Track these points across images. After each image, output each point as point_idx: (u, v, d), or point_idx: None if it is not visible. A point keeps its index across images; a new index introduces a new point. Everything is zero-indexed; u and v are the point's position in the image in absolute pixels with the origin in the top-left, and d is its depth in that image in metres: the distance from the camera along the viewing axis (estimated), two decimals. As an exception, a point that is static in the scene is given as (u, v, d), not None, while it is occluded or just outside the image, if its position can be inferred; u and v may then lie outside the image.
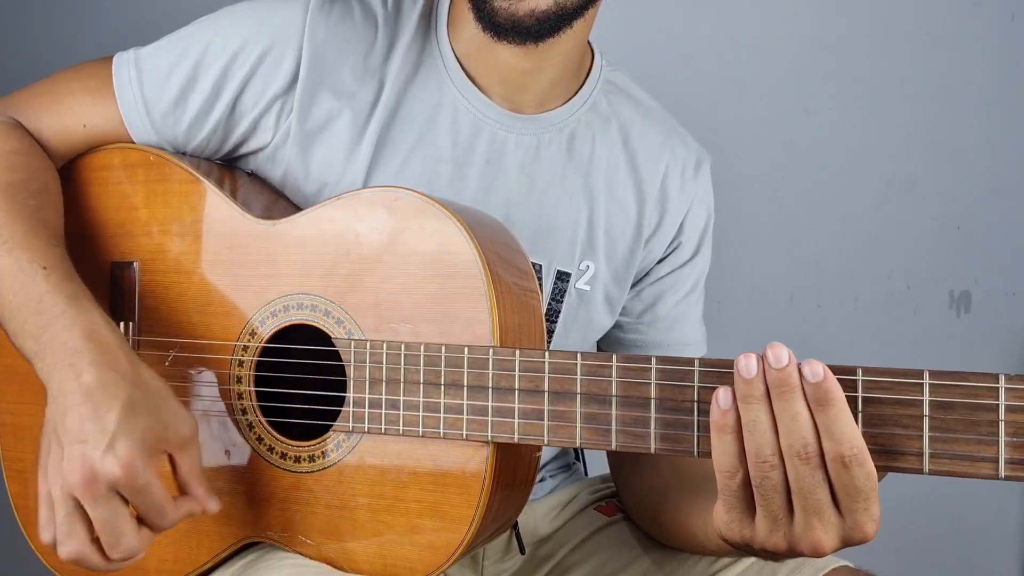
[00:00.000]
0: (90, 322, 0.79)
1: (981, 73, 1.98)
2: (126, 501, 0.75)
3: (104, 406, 0.74)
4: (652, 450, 0.72)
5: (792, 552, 0.67)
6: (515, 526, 1.03)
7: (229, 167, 1.00)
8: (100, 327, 0.79)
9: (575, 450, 1.22)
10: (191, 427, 0.79)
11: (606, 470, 1.10)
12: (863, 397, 0.65)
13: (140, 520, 0.76)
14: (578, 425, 0.74)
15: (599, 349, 1.11)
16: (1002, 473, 0.62)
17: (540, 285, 0.98)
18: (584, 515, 1.09)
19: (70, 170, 0.98)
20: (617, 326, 1.08)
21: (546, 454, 1.13)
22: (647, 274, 1.07)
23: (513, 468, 0.82)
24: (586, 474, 1.21)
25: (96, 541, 0.75)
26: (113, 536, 0.74)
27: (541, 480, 1.12)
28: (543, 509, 1.10)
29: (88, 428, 0.73)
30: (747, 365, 0.65)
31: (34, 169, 0.92)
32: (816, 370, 0.63)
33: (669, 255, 1.07)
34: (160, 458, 0.77)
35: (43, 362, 0.78)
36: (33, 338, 0.79)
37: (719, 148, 1.22)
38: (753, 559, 0.91)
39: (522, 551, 1.04)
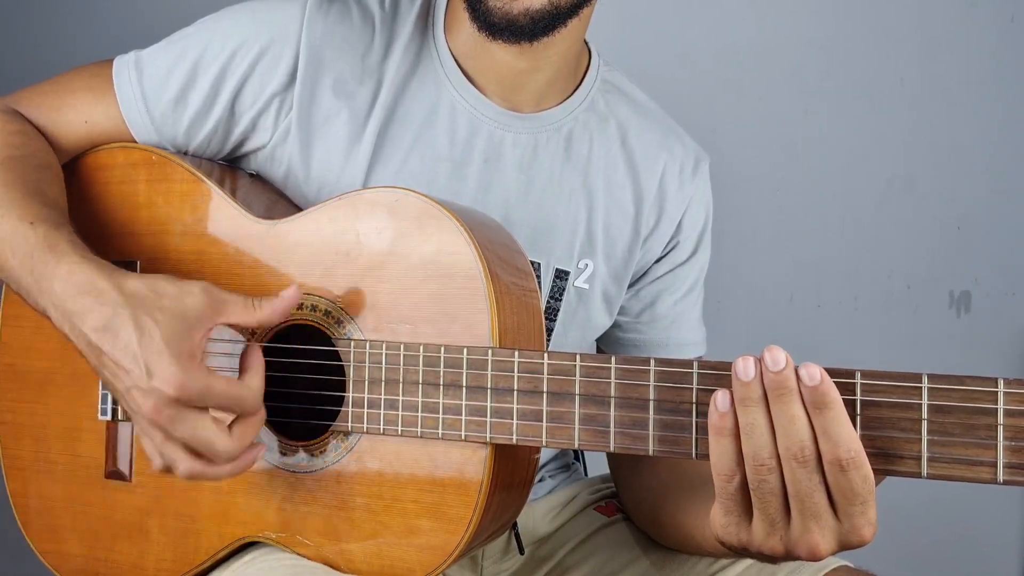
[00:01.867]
0: (67, 268, 0.80)
1: (980, 73, 1.98)
2: (205, 409, 0.75)
3: (120, 341, 0.75)
4: (650, 452, 0.71)
5: (789, 556, 0.67)
6: (514, 526, 1.03)
7: (231, 167, 1.00)
8: (75, 265, 0.80)
9: (575, 450, 1.22)
10: (199, 295, 0.78)
11: (606, 470, 1.10)
12: (861, 400, 0.65)
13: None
14: (576, 426, 0.74)
15: (598, 349, 1.11)
16: (1000, 477, 0.61)
17: (539, 283, 0.98)
18: (584, 515, 1.09)
19: (72, 169, 0.98)
20: (616, 325, 1.08)
21: (545, 454, 1.13)
22: (645, 273, 1.07)
23: (512, 469, 0.82)
24: (586, 474, 1.21)
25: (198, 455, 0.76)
26: (205, 446, 0.75)
27: (540, 480, 1.12)
28: (543, 509, 1.10)
29: (124, 366, 0.74)
30: (745, 368, 0.65)
31: (36, 150, 0.93)
32: (813, 373, 0.63)
33: (667, 254, 1.07)
34: (197, 339, 0.76)
35: (53, 318, 0.80)
36: (35, 298, 0.82)
37: (718, 148, 1.22)
38: (752, 560, 0.91)
39: (521, 551, 1.04)
